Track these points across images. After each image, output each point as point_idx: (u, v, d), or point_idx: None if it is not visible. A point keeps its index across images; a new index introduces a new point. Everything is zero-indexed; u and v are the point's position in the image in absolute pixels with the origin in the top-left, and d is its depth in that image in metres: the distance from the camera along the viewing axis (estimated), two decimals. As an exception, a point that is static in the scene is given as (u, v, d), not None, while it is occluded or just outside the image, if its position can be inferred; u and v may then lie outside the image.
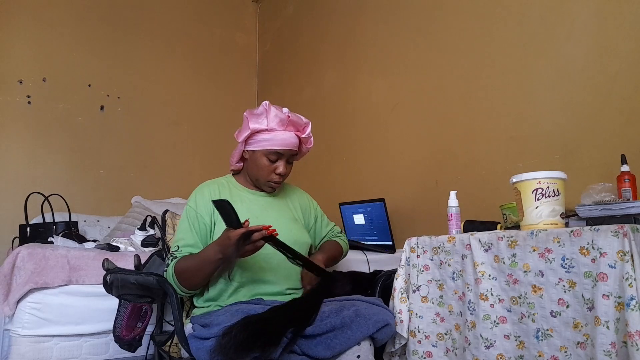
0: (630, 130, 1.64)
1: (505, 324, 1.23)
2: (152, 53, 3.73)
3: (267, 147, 1.48)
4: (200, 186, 1.59)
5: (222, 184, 1.61)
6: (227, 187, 1.60)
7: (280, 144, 1.47)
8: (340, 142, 3.11)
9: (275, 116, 1.47)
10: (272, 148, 1.48)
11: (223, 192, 1.57)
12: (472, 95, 2.22)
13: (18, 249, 1.87)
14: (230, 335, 1.18)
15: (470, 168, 2.20)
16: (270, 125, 1.46)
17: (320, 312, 1.29)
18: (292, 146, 1.51)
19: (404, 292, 1.47)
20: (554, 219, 1.25)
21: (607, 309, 1.02)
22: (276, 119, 1.47)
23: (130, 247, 2.17)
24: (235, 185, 1.62)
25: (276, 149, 1.48)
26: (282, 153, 1.50)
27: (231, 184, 1.61)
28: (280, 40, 3.97)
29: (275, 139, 1.47)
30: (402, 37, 2.65)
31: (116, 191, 3.44)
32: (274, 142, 1.47)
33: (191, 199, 1.54)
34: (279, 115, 1.47)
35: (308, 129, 1.54)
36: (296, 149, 1.53)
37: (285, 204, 1.65)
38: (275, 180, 1.53)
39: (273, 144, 1.47)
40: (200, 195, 1.54)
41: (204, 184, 1.60)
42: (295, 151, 1.53)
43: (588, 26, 1.78)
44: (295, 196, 1.71)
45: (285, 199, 1.67)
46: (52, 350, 1.83)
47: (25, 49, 3.26)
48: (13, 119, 3.18)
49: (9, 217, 2.97)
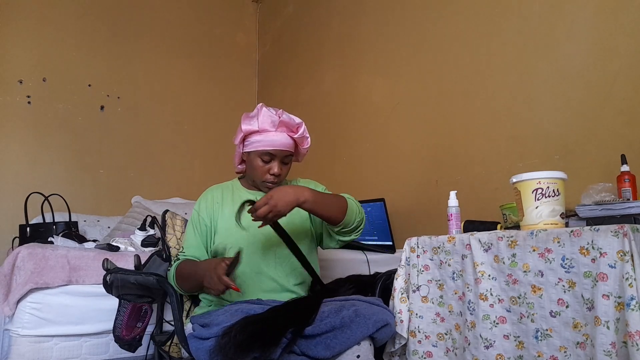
0: (630, 130, 1.64)
1: (505, 324, 1.23)
2: (152, 53, 3.73)
3: (260, 147, 1.50)
4: (205, 190, 1.65)
5: (226, 187, 1.65)
6: (230, 190, 1.63)
7: (270, 145, 1.49)
8: (340, 142, 3.11)
9: (267, 117, 1.48)
10: (263, 149, 1.50)
11: (226, 195, 1.61)
12: (472, 95, 2.22)
13: (18, 249, 1.87)
14: (230, 335, 1.19)
15: (470, 168, 2.20)
16: (261, 126, 1.49)
17: (319, 312, 1.29)
18: (284, 147, 1.51)
19: (404, 292, 1.48)
20: (554, 219, 1.25)
21: (607, 309, 1.02)
22: (267, 120, 1.48)
23: (130, 247, 2.17)
24: (238, 187, 1.64)
25: (267, 150, 1.50)
26: (274, 154, 1.50)
27: (235, 187, 1.65)
28: (280, 40, 3.97)
29: (266, 140, 1.49)
30: (402, 37, 2.65)
31: (116, 191, 3.44)
32: (265, 143, 1.49)
33: (196, 203, 1.62)
34: (271, 116, 1.48)
35: (301, 129, 1.53)
36: (289, 149, 1.53)
37: None
38: (270, 181, 1.54)
39: (264, 145, 1.49)
40: (204, 199, 1.61)
41: (209, 188, 1.66)
42: (288, 152, 1.53)
43: (588, 26, 1.78)
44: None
45: None
46: (52, 350, 1.83)
47: (25, 49, 3.26)
48: (13, 119, 3.18)
49: (9, 217, 2.97)
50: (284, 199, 1.34)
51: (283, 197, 1.34)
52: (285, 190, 1.36)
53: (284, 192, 1.35)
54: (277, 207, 1.32)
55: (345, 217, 1.47)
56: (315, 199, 1.40)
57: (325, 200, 1.44)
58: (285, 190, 1.36)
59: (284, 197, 1.34)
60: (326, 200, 1.45)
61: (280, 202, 1.33)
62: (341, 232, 1.53)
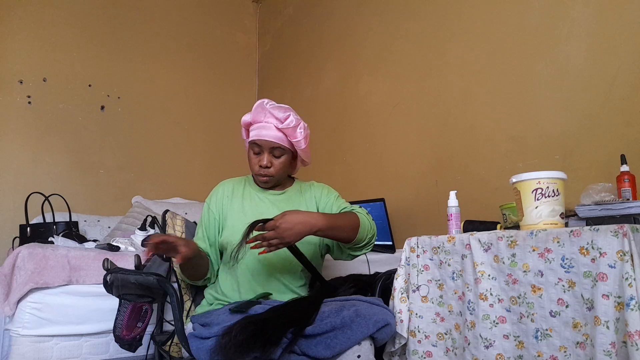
0: (630, 130, 1.64)
1: (505, 323, 1.23)
2: (152, 53, 3.73)
3: (249, 139, 1.53)
4: (218, 184, 1.67)
5: (238, 182, 1.66)
6: (242, 185, 1.65)
7: (257, 135, 1.50)
8: (340, 142, 3.11)
9: (258, 107, 1.50)
10: (251, 139, 1.52)
11: (237, 190, 1.62)
12: (472, 95, 2.22)
13: (18, 249, 1.88)
14: (231, 335, 1.19)
15: (470, 168, 2.20)
16: (253, 117, 1.52)
17: (320, 312, 1.29)
18: (270, 137, 1.49)
19: (404, 292, 1.48)
20: (553, 219, 1.25)
21: (606, 308, 1.02)
22: (256, 110, 1.50)
23: (130, 247, 2.17)
24: (250, 183, 1.66)
25: (254, 139, 1.51)
26: (259, 144, 1.51)
27: (247, 182, 1.66)
28: (280, 40, 3.97)
29: (254, 131, 1.51)
30: (402, 37, 2.65)
31: (116, 191, 3.45)
32: (253, 134, 1.52)
33: (208, 196, 1.64)
34: (261, 106, 1.50)
35: (288, 120, 1.49)
36: (276, 141, 1.49)
37: (297, 202, 1.61)
38: (261, 173, 1.53)
39: (252, 136, 1.52)
40: (215, 193, 1.63)
41: (222, 182, 1.68)
42: (276, 144, 1.49)
43: (588, 26, 1.78)
44: (311, 192, 1.65)
45: (299, 197, 1.63)
46: (52, 350, 1.83)
47: (25, 49, 3.26)
48: (13, 119, 3.18)
49: (9, 217, 2.97)
50: (294, 229, 1.29)
51: (293, 227, 1.29)
52: (298, 218, 1.31)
53: (296, 221, 1.30)
54: (285, 238, 1.29)
55: (357, 235, 1.46)
56: (328, 224, 1.37)
57: (338, 224, 1.41)
58: (297, 219, 1.31)
59: (294, 226, 1.29)
60: (339, 223, 1.41)
61: (287, 233, 1.29)
62: (352, 247, 1.53)
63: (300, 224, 1.31)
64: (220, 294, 1.54)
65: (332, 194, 1.64)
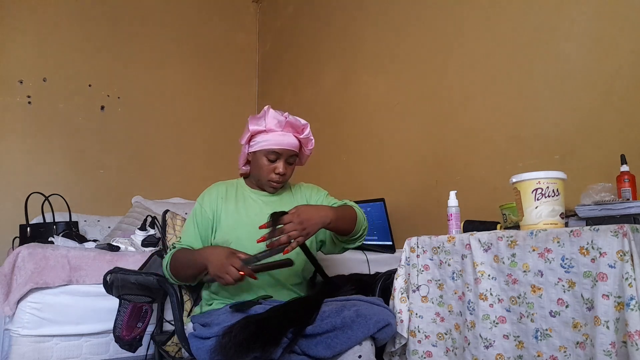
0: (630, 130, 1.64)
1: (505, 323, 1.23)
2: (152, 53, 3.73)
3: (266, 147, 1.52)
4: (210, 186, 1.67)
5: (231, 184, 1.67)
6: (234, 187, 1.65)
7: (277, 144, 1.51)
8: (340, 142, 3.11)
9: (273, 118, 1.51)
10: (270, 148, 1.52)
11: (230, 192, 1.63)
12: (472, 95, 2.22)
13: (18, 249, 1.88)
14: (231, 335, 1.19)
15: (470, 168, 2.20)
16: (268, 126, 1.52)
17: (320, 312, 1.29)
18: (290, 146, 1.53)
19: (404, 292, 1.48)
20: (553, 219, 1.25)
21: (606, 308, 1.02)
22: (274, 121, 1.51)
23: (130, 247, 2.17)
24: (243, 186, 1.66)
25: (274, 149, 1.52)
26: (280, 153, 1.52)
27: (239, 185, 1.67)
28: (280, 40, 3.97)
29: (273, 139, 1.51)
30: (402, 37, 2.65)
31: (116, 191, 3.45)
32: (271, 142, 1.51)
33: (200, 197, 1.63)
34: (277, 117, 1.51)
35: (307, 130, 1.56)
36: (294, 149, 1.55)
37: (289, 203, 1.63)
38: (275, 180, 1.55)
39: (271, 144, 1.51)
40: (208, 194, 1.62)
41: (214, 184, 1.67)
42: (293, 152, 1.55)
43: (588, 26, 1.78)
44: (302, 192, 1.69)
45: (290, 198, 1.66)
46: (52, 350, 1.83)
47: (25, 49, 3.26)
48: (13, 119, 3.18)
49: (9, 217, 2.97)
50: (313, 220, 1.34)
51: (312, 218, 1.34)
52: (311, 211, 1.36)
53: (313, 212, 1.36)
54: (307, 229, 1.33)
55: (355, 227, 1.52)
56: (336, 216, 1.42)
57: (343, 215, 1.46)
58: (312, 211, 1.36)
59: (312, 217, 1.34)
60: (344, 215, 1.47)
61: (308, 223, 1.33)
62: (348, 240, 1.57)
63: (316, 216, 1.36)
64: (217, 292, 1.54)
65: (322, 192, 1.70)
